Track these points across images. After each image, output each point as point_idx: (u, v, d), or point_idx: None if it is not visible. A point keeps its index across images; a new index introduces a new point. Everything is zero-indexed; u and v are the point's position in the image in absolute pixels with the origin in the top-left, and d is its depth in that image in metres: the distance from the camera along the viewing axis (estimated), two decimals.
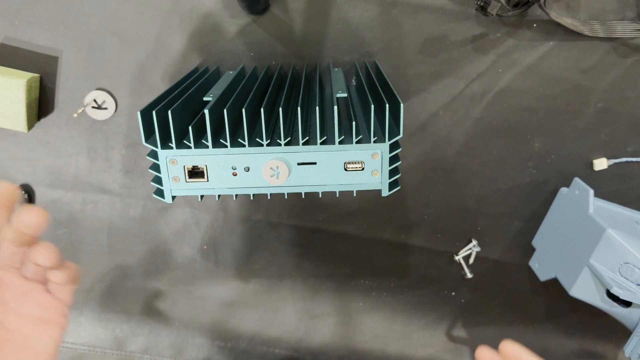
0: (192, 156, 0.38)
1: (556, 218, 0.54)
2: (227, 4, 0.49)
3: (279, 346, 0.68)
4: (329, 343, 0.68)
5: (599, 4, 0.47)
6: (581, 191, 0.50)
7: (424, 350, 0.67)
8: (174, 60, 0.51)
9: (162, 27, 0.50)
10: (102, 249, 0.62)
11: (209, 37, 0.50)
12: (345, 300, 0.65)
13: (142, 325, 0.67)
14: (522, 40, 0.49)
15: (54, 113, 0.54)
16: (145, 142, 0.38)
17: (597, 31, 0.47)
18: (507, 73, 0.51)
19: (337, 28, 0.50)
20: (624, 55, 0.49)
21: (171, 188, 0.40)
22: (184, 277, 0.64)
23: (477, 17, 0.48)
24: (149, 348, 0.68)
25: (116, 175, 0.58)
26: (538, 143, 0.53)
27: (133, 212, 0.60)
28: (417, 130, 0.53)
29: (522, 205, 0.56)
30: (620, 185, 0.54)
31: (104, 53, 0.52)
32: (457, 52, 0.50)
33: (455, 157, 0.54)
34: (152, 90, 0.53)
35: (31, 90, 0.51)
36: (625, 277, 0.45)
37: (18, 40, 0.51)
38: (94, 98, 0.53)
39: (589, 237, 0.47)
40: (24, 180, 0.59)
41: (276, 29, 0.50)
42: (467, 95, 0.52)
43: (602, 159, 0.53)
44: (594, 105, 0.51)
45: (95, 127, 0.55)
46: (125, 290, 0.65)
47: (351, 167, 0.39)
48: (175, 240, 0.61)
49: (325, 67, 0.51)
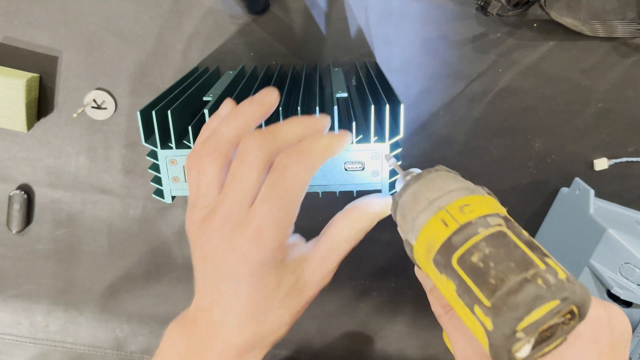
0: None
1: (556, 218, 0.54)
2: (226, 4, 0.49)
3: (279, 346, 0.68)
4: (329, 343, 0.67)
5: (600, 4, 0.47)
6: (582, 191, 0.50)
7: (424, 351, 0.67)
8: (174, 60, 0.51)
9: (162, 27, 0.50)
10: (102, 249, 0.62)
11: (209, 36, 0.50)
12: (346, 300, 0.65)
13: (142, 325, 0.67)
14: (523, 40, 0.49)
15: (54, 113, 0.54)
16: (144, 142, 0.38)
17: (597, 31, 0.47)
18: (508, 73, 0.51)
19: (337, 28, 0.50)
20: (624, 55, 0.49)
21: (171, 188, 0.40)
22: (184, 277, 0.64)
23: (477, 16, 0.48)
24: (150, 348, 0.68)
25: (116, 176, 0.57)
26: (538, 143, 0.53)
27: (133, 212, 0.60)
28: (418, 130, 0.53)
29: (522, 205, 0.56)
30: (620, 186, 0.54)
31: (103, 53, 0.51)
32: (458, 52, 0.50)
33: (456, 157, 0.54)
34: (151, 90, 0.53)
35: (31, 90, 0.51)
36: (626, 277, 0.45)
37: (18, 40, 0.51)
38: (94, 98, 0.53)
39: (589, 237, 0.47)
40: (23, 180, 0.59)
41: (276, 29, 0.50)
42: (468, 95, 0.52)
43: (603, 159, 0.53)
44: (595, 105, 0.51)
45: (94, 127, 0.55)
46: (126, 291, 0.65)
47: (351, 167, 0.39)
48: (175, 241, 0.61)
49: (325, 67, 0.51)
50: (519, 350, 0.22)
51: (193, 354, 0.30)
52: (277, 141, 0.30)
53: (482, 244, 0.23)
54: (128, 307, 0.66)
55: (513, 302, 0.21)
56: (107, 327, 0.67)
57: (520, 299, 0.21)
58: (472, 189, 0.27)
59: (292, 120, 0.31)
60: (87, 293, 0.65)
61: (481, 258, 0.23)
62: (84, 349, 0.69)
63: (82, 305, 0.66)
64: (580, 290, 0.22)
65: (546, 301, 0.21)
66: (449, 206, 0.26)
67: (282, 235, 0.29)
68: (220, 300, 0.29)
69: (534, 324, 0.21)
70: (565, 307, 0.21)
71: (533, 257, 0.23)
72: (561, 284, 0.21)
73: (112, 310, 0.66)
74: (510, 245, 0.23)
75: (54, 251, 0.62)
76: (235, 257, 0.28)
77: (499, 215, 0.25)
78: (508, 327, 0.21)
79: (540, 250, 0.23)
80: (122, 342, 0.68)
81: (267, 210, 0.28)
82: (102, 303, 0.65)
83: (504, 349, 0.22)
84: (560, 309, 0.21)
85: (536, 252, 0.23)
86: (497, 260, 0.23)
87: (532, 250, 0.23)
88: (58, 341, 0.68)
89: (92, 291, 0.65)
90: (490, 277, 0.22)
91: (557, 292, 0.21)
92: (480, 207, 0.25)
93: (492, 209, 0.25)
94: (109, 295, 0.65)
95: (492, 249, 0.23)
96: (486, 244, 0.23)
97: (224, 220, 0.29)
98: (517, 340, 0.21)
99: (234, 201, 0.29)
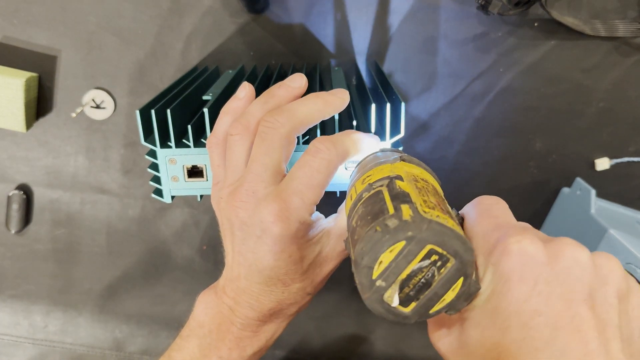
0: (191, 155, 0.38)
1: (558, 218, 0.54)
2: (226, 3, 0.49)
3: (279, 347, 0.68)
4: (329, 344, 0.67)
5: (601, 3, 0.47)
6: (583, 191, 0.50)
7: (424, 351, 0.67)
8: (173, 59, 0.51)
9: (161, 26, 0.50)
10: (101, 250, 0.62)
11: (208, 36, 0.50)
12: (346, 301, 0.65)
13: (141, 326, 0.67)
14: (524, 40, 0.49)
15: (53, 113, 0.54)
16: (144, 142, 0.38)
17: (598, 30, 0.47)
18: (509, 72, 0.50)
19: (337, 27, 0.49)
20: (625, 54, 0.49)
21: (170, 188, 0.39)
22: (183, 277, 0.63)
23: (478, 16, 0.48)
24: (149, 349, 0.68)
25: (115, 175, 0.57)
26: (539, 143, 0.53)
27: (132, 212, 0.59)
28: (418, 129, 0.53)
29: (523, 205, 0.56)
30: (622, 186, 0.54)
31: (102, 52, 0.51)
32: (458, 51, 0.50)
33: (456, 156, 0.54)
34: (151, 89, 0.52)
35: (29, 90, 0.51)
36: None
37: (16, 40, 0.51)
38: (93, 97, 0.53)
39: (590, 237, 0.47)
40: (22, 180, 0.58)
41: (276, 28, 0.50)
42: (468, 94, 0.51)
43: (604, 158, 0.53)
44: (596, 105, 0.51)
45: (93, 127, 0.55)
46: (125, 291, 0.64)
47: (351, 167, 0.39)
48: (175, 241, 0.61)
49: (325, 66, 0.51)
50: (391, 300, 0.21)
51: (223, 318, 0.33)
52: (295, 119, 0.31)
53: (360, 207, 0.24)
54: (127, 307, 0.66)
55: (360, 252, 0.21)
56: (106, 327, 0.67)
57: (362, 247, 0.21)
58: (383, 161, 0.28)
59: (310, 97, 0.33)
60: (86, 293, 0.65)
61: (356, 220, 0.24)
62: (83, 349, 0.68)
63: (81, 305, 0.66)
64: (428, 227, 0.20)
65: (387, 244, 0.21)
66: (357, 181, 0.27)
67: (307, 211, 0.30)
68: (246, 271, 0.32)
69: (387, 269, 0.21)
70: (417, 247, 0.20)
71: (388, 206, 0.22)
72: (403, 224, 0.21)
73: (111, 311, 0.66)
74: (378, 201, 0.23)
75: (52, 251, 0.62)
76: (261, 229, 0.30)
77: (389, 177, 0.25)
78: (365, 277, 0.21)
79: (404, 198, 0.23)
80: (121, 342, 0.68)
81: (295, 187, 0.29)
82: (101, 303, 0.65)
83: (373, 301, 0.21)
84: (411, 249, 0.21)
85: (396, 200, 0.22)
86: (362, 217, 0.23)
87: (393, 200, 0.22)
88: (57, 342, 0.68)
89: (91, 291, 0.65)
90: (355, 235, 0.23)
91: (397, 234, 0.20)
92: (378, 174, 0.26)
93: (385, 173, 0.26)
94: (108, 296, 0.65)
95: (364, 208, 0.24)
96: (362, 206, 0.24)
97: (250, 195, 0.30)
98: (381, 290, 0.21)
99: (258, 177, 0.30)
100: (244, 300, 0.33)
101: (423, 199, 0.23)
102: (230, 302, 0.33)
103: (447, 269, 0.21)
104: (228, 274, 0.34)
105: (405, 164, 0.27)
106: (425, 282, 0.21)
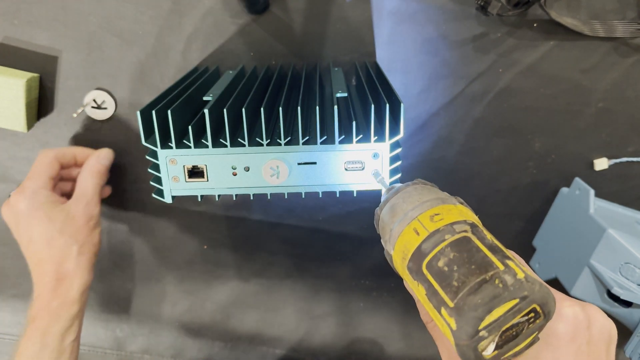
0: (192, 156, 0.38)
1: (557, 218, 0.54)
2: (226, 3, 0.49)
3: (279, 346, 0.68)
4: (329, 343, 0.67)
5: (600, 4, 0.47)
6: (582, 191, 0.50)
7: (424, 350, 0.67)
8: (174, 59, 0.51)
9: (162, 27, 0.50)
10: (102, 249, 0.62)
11: (209, 36, 0.50)
12: (346, 300, 0.65)
13: (142, 325, 0.67)
14: (523, 40, 0.49)
15: (54, 113, 0.54)
16: (144, 142, 0.38)
17: (597, 31, 0.47)
18: (508, 73, 0.50)
19: (337, 28, 0.50)
20: (624, 55, 0.49)
21: (171, 188, 0.40)
22: (184, 277, 0.64)
23: (477, 16, 0.48)
24: (149, 348, 0.68)
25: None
26: (538, 143, 0.53)
27: (132, 212, 0.60)
28: (418, 130, 0.53)
29: (522, 205, 0.56)
30: (620, 185, 0.54)
31: (103, 53, 0.51)
32: (458, 52, 0.50)
33: (456, 157, 0.54)
34: (151, 90, 0.53)
35: (31, 90, 0.51)
36: (626, 277, 0.45)
37: (17, 40, 0.51)
38: (94, 98, 0.53)
39: (589, 237, 0.47)
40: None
41: (276, 29, 0.50)
42: (468, 95, 0.52)
43: (603, 158, 0.53)
44: (595, 105, 0.51)
45: (94, 127, 0.55)
46: (125, 291, 0.65)
47: (351, 167, 0.39)
48: (175, 241, 0.61)
49: (325, 66, 0.51)
50: (485, 348, 0.23)
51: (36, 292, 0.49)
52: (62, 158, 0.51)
53: (447, 250, 0.25)
54: (128, 307, 0.66)
55: (473, 303, 0.22)
56: (107, 326, 0.67)
57: (479, 299, 0.22)
58: (444, 199, 0.29)
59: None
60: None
61: (446, 263, 0.25)
62: (84, 348, 0.69)
63: None
64: (539, 289, 0.23)
65: (505, 300, 0.22)
66: (421, 216, 0.28)
67: (40, 189, 0.48)
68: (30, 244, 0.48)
69: (494, 322, 0.22)
70: (526, 305, 0.23)
71: (493, 260, 0.24)
72: (519, 283, 0.23)
73: (112, 310, 0.66)
74: (473, 249, 0.25)
75: None
76: (22, 210, 0.47)
77: (466, 222, 0.26)
78: (470, 326, 0.22)
79: (502, 252, 0.25)
80: (122, 341, 0.68)
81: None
82: (102, 303, 0.65)
83: (469, 348, 0.23)
84: (521, 307, 0.22)
85: (497, 254, 0.24)
86: (460, 263, 0.24)
87: (494, 253, 0.24)
88: None
89: (92, 291, 0.65)
90: (453, 280, 0.24)
91: (515, 292, 0.22)
92: (449, 215, 0.27)
93: (460, 216, 0.27)
94: (108, 295, 0.65)
95: (456, 253, 0.25)
96: (451, 249, 0.25)
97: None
98: (481, 339, 0.22)
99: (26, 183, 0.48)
100: (36, 266, 0.50)
101: (505, 251, 0.25)
102: (34, 274, 0.50)
103: (535, 325, 0.24)
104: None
105: (463, 207, 0.29)
106: (515, 334, 0.23)
